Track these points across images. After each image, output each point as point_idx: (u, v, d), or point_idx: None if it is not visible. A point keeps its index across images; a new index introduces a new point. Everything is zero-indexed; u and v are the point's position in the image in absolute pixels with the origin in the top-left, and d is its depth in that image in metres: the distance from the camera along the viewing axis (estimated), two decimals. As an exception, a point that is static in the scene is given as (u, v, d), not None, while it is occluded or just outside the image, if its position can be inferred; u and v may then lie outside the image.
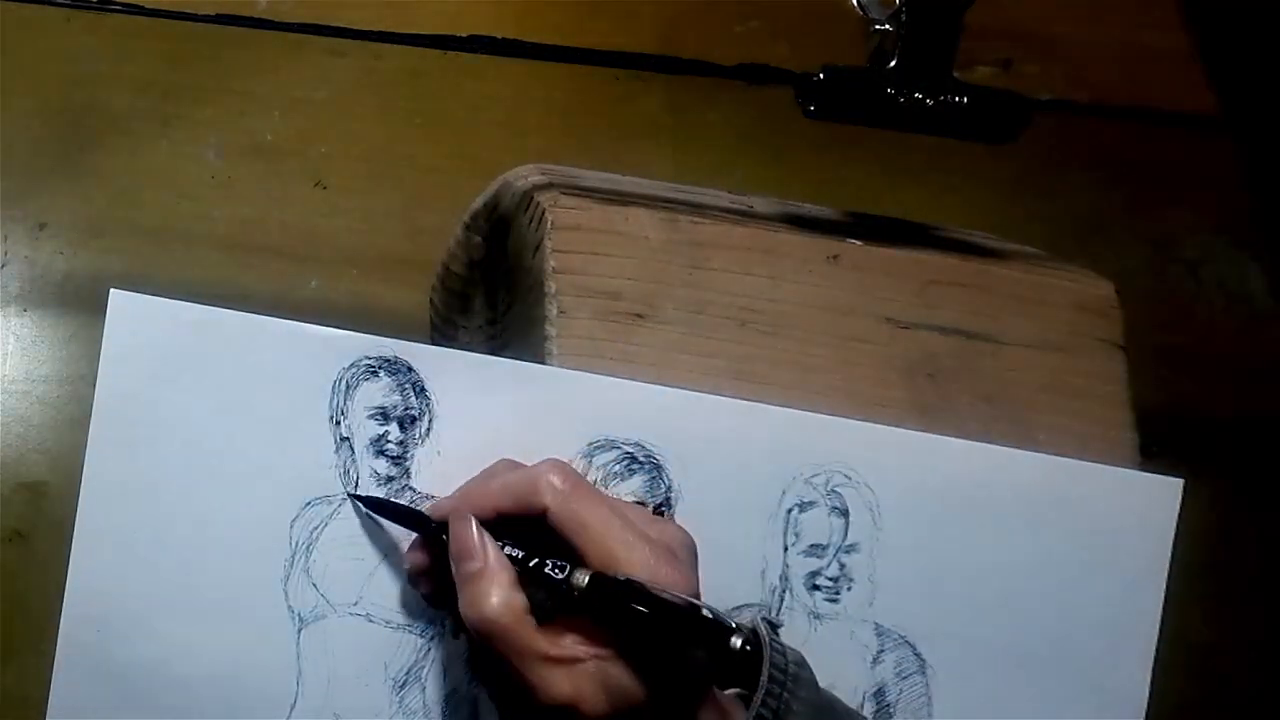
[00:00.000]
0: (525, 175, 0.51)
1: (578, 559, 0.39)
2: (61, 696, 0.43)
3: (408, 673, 0.43)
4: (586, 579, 0.38)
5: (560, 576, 0.38)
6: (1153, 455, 0.47)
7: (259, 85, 0.73)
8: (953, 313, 0.48)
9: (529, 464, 0.42)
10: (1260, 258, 0.74)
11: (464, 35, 0.71)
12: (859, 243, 0.48)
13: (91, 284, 0.68)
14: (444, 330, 0.60)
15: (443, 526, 0.41)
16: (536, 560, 0.39)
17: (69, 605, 0.44)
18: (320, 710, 0.43)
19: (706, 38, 0.77)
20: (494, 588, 0.38)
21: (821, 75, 0.50)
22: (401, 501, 0.43)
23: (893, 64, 0.50)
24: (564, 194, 0.47)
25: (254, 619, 0.43)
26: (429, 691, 0.43)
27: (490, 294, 0.55)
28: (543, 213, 0.46)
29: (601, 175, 0.53)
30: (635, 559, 0.38)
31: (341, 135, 0.72)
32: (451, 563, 0.40)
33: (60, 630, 0.44)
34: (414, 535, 0.43)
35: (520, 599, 0.38)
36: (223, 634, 0.43)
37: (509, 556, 0.39)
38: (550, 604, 0.39)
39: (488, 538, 0.40)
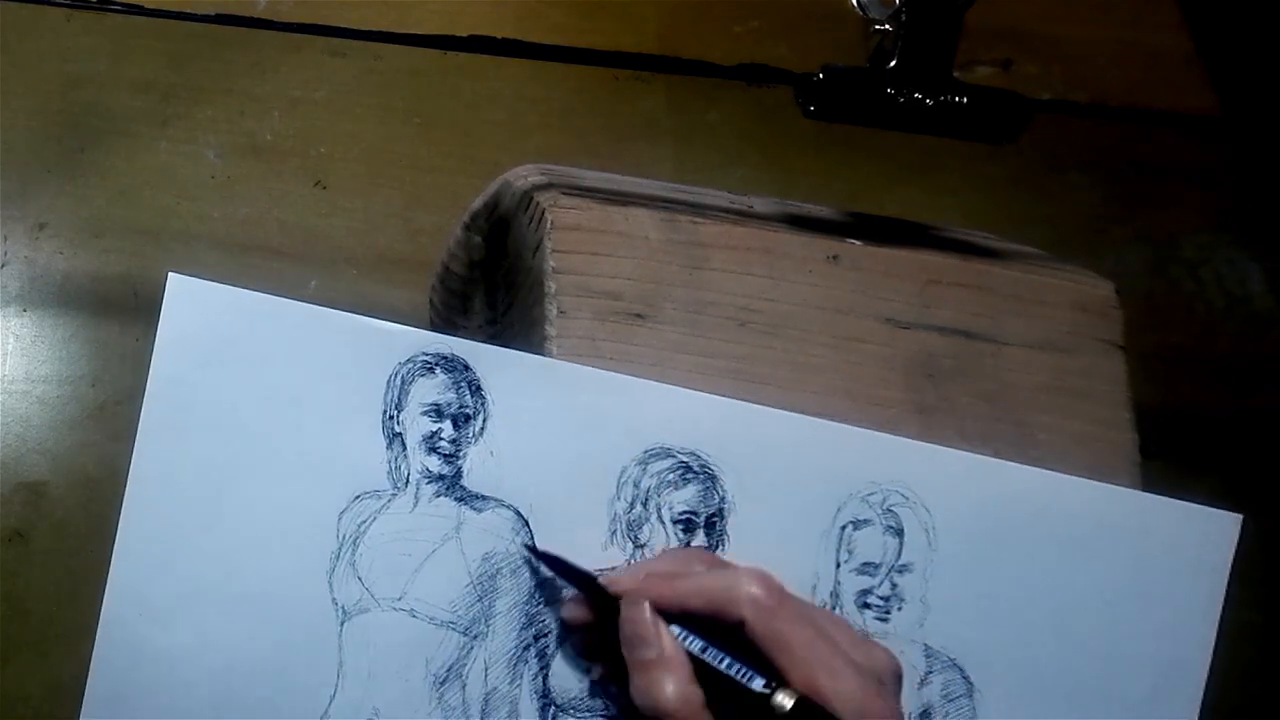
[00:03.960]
0: (525, 175, 0.51)
1: (776, 675, 0.37)
2: (100, 682, 0.43)
3: (448, 670, 0.43)
4: (791, 703, 0.36)
5: (761, 689, 0.37)
6: (1153, 455, 0.47)
7: (259, 85, 0.73)
8: (953, 313, 0.48)
9: (595, 463, 0.42)
10: (1260, 258, 0.74)
11: (464, 35, 0.71)
12: (859, 243, 0.48)
13: (91, 284, 0.68)
14: (443, 330, 0.60)
15: (613, 598, 0.40)
16: (728, 660, 0.38)
17: (111, 589, 0.43)
18: (359, 704, 0.43)
19: (706, 38, 0.77)
20: (669, 678, 0.38)
21: (821, 75, 0.50)
22: (570, 560, 0.42)
23: (893, 64, 0.50)
24: (564, 194, 0.47)
25: (297, 610, 0.43)
26: (469, 689, 0.43)
27: (490, 294, 0.55)
28: (543, 213, 0.46)
29: (601, 175, 0.53)
30: (842, 689, 0.36)
31: (341, 135, 0.72)
32: (623, 644, 0.39)
33: (101, 614, 0.43)
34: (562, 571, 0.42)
35: (698, 693, 0.37)
36: (265, 624, 0.43)
37: (692, 650, 0.38)
38: (730, 707, 0.38)
39: (662, 625, 0.39)
